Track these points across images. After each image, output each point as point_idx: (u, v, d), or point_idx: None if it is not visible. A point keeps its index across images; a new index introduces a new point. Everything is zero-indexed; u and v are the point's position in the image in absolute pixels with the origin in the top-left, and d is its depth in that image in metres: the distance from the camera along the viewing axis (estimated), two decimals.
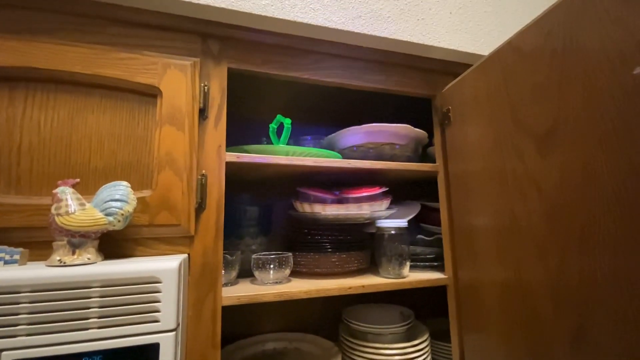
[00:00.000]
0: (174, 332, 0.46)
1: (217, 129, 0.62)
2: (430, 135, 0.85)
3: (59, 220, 0.45)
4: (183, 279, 0.51)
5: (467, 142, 0.69)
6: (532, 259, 0.51)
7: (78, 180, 0.50)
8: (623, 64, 0.38)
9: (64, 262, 0.45)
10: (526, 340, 0.52)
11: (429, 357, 0.78)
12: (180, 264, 0.49)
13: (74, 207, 0.47)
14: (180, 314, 0.49)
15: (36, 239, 0.50)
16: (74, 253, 0.46)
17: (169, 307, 0.46)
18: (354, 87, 0.76)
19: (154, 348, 0.45)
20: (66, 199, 0.46)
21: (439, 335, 0.89)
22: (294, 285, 0.68)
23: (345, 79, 0.73)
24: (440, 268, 0.81)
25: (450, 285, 0.75)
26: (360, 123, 0.80)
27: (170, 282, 0.47)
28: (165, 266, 0.47)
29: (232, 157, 0.63)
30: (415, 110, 0.99)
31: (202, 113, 0.61)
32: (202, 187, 0.59)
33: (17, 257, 0.45)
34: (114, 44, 0.58)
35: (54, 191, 0.47)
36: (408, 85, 0.79)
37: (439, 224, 0.80)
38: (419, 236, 0.90)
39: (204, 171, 0.60)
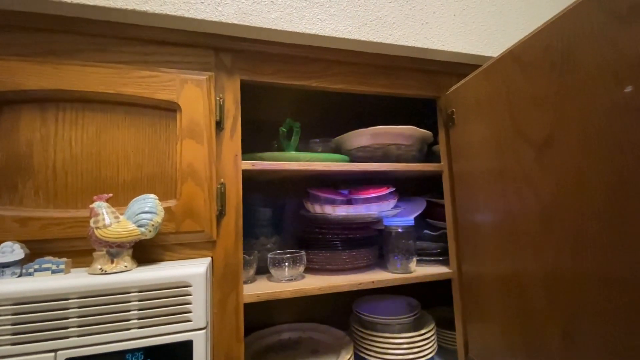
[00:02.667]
0: (204, 330, 0.51)
1: (232, 139, 0.66)
2: (436, 133, 0.88)
3: (97, 233, 0.50)
4: (209, 281, 0.55)
5: (470, 143, 0.72)
6: (528, 257, 0.55)
7: (111, 194, 0.54)
8: (616, 83, 0.41)
9: (105, 271, 0.50)
10: (522, 331, 0.57)
11: (435, 345, 0.84)
12: (206, 269, 0.54)
13: (109, 220, 0.51)
14: (208, 314, 0.54)
15: (75, 248, 0.55)
16: (112, 262, 0.51)
17: (199, 308, 0.51)
18: (361, 92, 0.78)
19: (188, 345, 0.50)
20: (102, 213, 0.51)
21: (444, 323, 0.94)
22: (308, 282, 0.73)
23: (352, 84, 0.76)
24: (446, 262, 0.86)
25: (454, 279, 0.80)
26: (367, 124, 0.83)
27: (199, 286, 0.52)
28: (194, 271, 0.52)
29: (248, 165, 0.67)
30: (421, 108, 1.01)
31: (219, 125, 0.65)
32: (222, 195, 0.63)
33: (62, 266, 0.50)
34: (134, 62, 0.61)
35: (91, 206, 0.52)
36: (413, 87, 0.81)
37: (444, 219, 0.84)
38: (425, 231, 0.94)
39: (222, 180, 0.64)
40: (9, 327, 0.44)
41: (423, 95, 0.83)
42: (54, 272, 0.50)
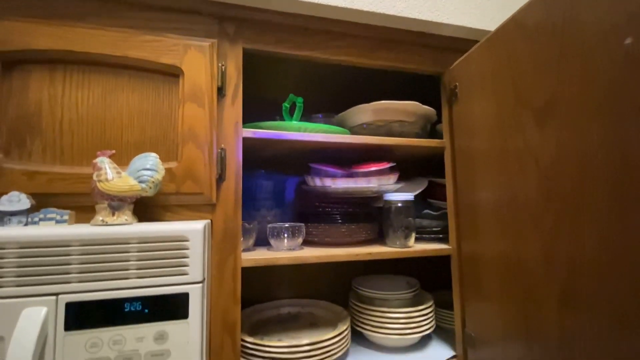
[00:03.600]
0: (200, 284, 0.53)
1: (234, 106, 0.67)
2: (439, 112, 0.87)
3: (100, 185, 0.51)
4: (207, 240, 0.57)
5: (472, 118, 0.72)
6: (528, 232, 0.55)
7: (114, 151, 0.56)
8: (615, 36, 0.40)
9: (106, 222, 0.52)
10: (521, 308, 0.56)
11: (433, 322, 0.84)
12: (204, 226, 0.55)
13: (111, 175, 0.53)
14: (205, 270, 0.55)
15: (79, 204, 0.57)
16: (113, 214, 0.53)
17: (196, 262, 0.53)
18: (364, 65, 0.78)
19: (184, 297, 0.52)
20: (105, 168, 0.53)
21: (444, 305, 0.94)
22: (307, 251, 0.74)
23: (355, 56, 0.76)
24: (446, 240, 0.85)
25: (453, 256, 0.79)
26: (370, 101, 0.83)
27: (196, 241, 0.53)
28: (192, 227, 0.53)
29: (249, 133, 0.68)
30: (424, 87, 1.01)
31: (220, 91, 0.66)
32: (222, 160, 0.65)
33: (66, 217, 0.52)
34: (140, 27, 0.63)
35: (94, 161, 0.53)
36: (417, 62, 0.81)
37: (445, 200, 0.83)
38: (426, 211, 0.94)
39: (223, 145, 0.65)
40: (14, 269, 0.46)
41: (426, 70, 0.82)
42: (58, 222, 0.51)
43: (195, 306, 0.52)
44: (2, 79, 0.57)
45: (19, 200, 0.51)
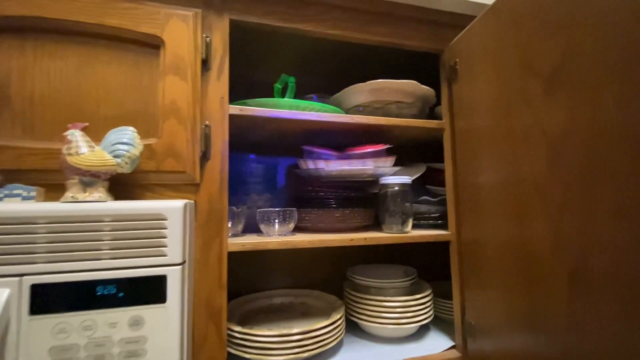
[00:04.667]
0: (180, 267, 0.49)
1: (219, 81, 0.63)
2: (438, 95, 0.83)
3: (69, 159, 0.47)
4: (189, 220, 0.53)
5: (474, 96, 0.67)
6: (535, 211, 0.51)
7: (87, 124, 0.52)
8: None
9: (76, 199, 0.48)
10: (526, 293, 0.53)
11: (431, 312, 0.80)
12: (185, 205, 0.51)
13: (83, 149, 0.49)
14: (186, 252, 0.51)
15: (51, 181, 0.53)
16: (85, 191, 0.49)
17: (174, 243, 0.49)
18: (359, 41, 0.74)
19: (162, 279, 0.48)
20: (76, 141, 0.49)
21: (442, 295, 0.91)
22: (298, 236, 0.70)
23: (349, 31, 0.72)
24: (444, 227, 0.81)
25: (453, 242, 0.76)
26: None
27: (175, 220, 0.49)
28: (171, 205, 0.49)
29: (236, 109, 0.64)
30: (422, 69, 0.96)
31: (205, 64, 0.62)
32: (206, 137, 0.61)
33: (33, 193, 0.48)
34: None
35: (65, 133, 0.49)
36: (416, 38, 0.77)
37: (444, 187, 0.79)
38: (424, 197, 0.90)
39: (207, 122, 0.61)
40: None
41: (425, 47, 0.78)
42: (24, 198, 0.48)
43: (174, 290, 0.48)
44: None
45: None
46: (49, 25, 0.55)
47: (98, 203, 0.47)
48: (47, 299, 0.44)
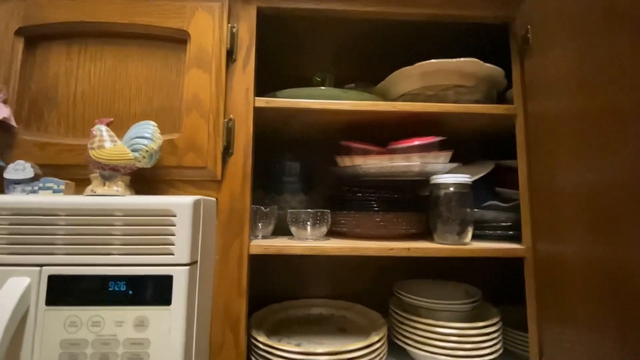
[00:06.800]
0: (187, 268, 0.45)
1: (245, 72, 0.59)
2: (509, 76, 0.67)
3: (91, 153, 0.48)
4: (202, 218, 0.49)
5: (550, 71, 0.51)
6: (635, 227, 0.35)
7: (112, 119, 0.52)
8: None
9: (95, 192, 0.48)
10: (621, 337, 0.36)
11: (499, 346, 0.64)
12: (196, 202, 0.47)
13: (107, 143, 0.49)
14: (197, 252, 0.48)
15: (82, 176, 0.54)
16: (104, 185, 0.49)
17: (183, 242, 0.45)
18: (405, 16, 0.64)
19: (167, 280, 0.45)
20: (99, 135, 0.49)
21: (515, 325, 0.72)
22: (327, 242, 0.62)
23: (391, 5, 0.62)
24: (518, 239, 0.65)
25: (528, 258, 0.59)
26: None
27: (184, 217, 0.46)
28: (180, 201, 0.46)
29: (262, 102, 0.60)
30: (486, 46, 0.80)
31: (230, 55, 0.59)
32: (229, 131, 0.57)
33: (62, 187, 0.50)
34: None
35: (91, 129, 0.51)
36: (476, 6, 0.63)
37: (518, 188, 0.63)
38: (493, 202, 0.73)
39: (231, 115, 0.58)
40: (6, 236, 0.44)
41: (489, 17, 0.63)
42: (55, 191, 0.50)
43: (180, 292, 0.45)
44: (26, 55, 0.58)
45: (23, 169, 0.50)
46: (90, 28, 0.58)
47: (113, 197, 0.47)
48: (62, 290, 0.44)
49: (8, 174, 0.50)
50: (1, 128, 0.54)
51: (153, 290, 0.44)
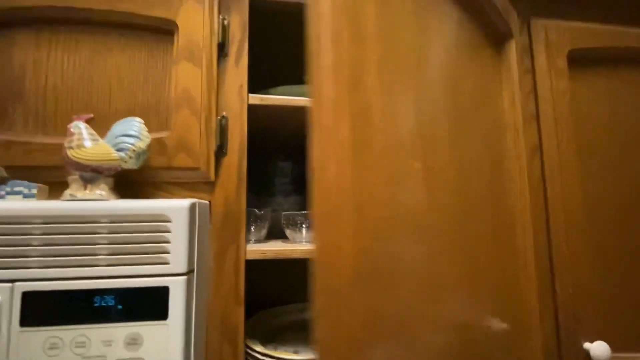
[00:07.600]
0: (184, 277, 0.42)
1: (238, 67, 0.56)
2: None
3: (70, 153, 0.43)
4: (198, 223, 0.46)
5: None
6: None
7: (92, 115, 0.47)
8: None
9: (75, 196, 0.43)
10: None
11: None
12: (192, 205, 0.44)
13: (87, 142, 0.44)
14: (194, 260, 0.44)
15: (58, 179, 0.49)
16: (85, 188, 0.44)
17: (178, 249, 0.42)
18: None
19: (163, 291, 0.41)
20: (79, 133, 0.44)
21: None
22: None
23: None
24: None
25: None
26: None
27: (180, 223, 0.42)
28: (175, 205, 0.43)
29: (256, 99, 0.57)
30: None
31: (222, 49, 0.56)
32: (223, 130, 0.54)
33: (34, 191, 0.44)
34: None
35: (68, 126, 0.45)
36: None
37: None
38: None
39: (224, 113, 0.55)
40: None
41: None
42: (25, 196, 0.44)
43: (177, 304, 0.41)
44: None
45: None
46: (62, 14, 0.53)
47: (97, 202, 0.42)
48: (39, 309, 0.39)
49: None
50: None
51: (147, 304, 0.40)
